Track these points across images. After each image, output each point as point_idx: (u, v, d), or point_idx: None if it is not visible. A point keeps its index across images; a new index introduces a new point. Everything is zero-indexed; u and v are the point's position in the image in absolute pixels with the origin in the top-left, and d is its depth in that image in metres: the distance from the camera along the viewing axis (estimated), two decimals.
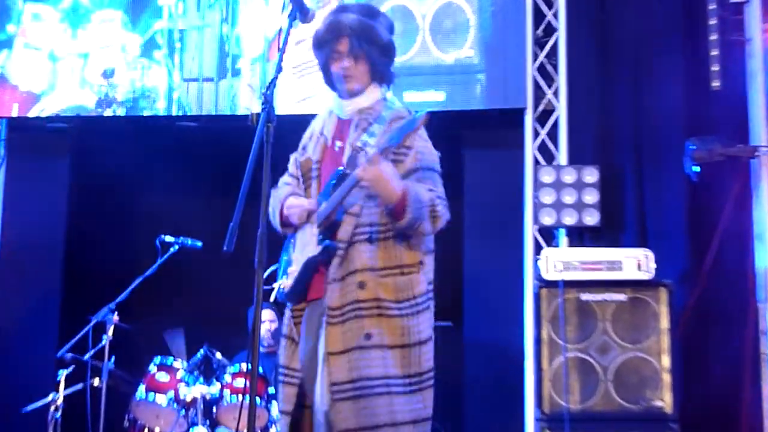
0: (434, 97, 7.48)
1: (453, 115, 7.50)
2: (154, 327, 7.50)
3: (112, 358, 6.37)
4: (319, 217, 3.70)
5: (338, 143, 3.83)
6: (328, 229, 3.71)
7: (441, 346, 7.32)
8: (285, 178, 4.03)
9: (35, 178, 8.07)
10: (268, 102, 3.28)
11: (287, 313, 3.93)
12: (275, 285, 3.95)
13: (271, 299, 3.98)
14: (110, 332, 6.39)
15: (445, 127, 7.55)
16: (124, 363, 6.64)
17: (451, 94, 7.46)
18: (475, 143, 7.71)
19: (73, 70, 7.90)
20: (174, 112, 7.78)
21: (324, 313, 3.69)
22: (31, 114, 7.89)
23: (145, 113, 7.83)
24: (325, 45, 3.79)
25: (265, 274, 3.80)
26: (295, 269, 3.82)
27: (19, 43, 7.98)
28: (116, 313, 6.44)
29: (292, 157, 4.01)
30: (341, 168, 3.72)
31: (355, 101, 3.81)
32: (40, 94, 7.89)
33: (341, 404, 3.55)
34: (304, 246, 3.75)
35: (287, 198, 3.86)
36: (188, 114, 7.78)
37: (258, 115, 3.36)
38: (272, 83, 3.33)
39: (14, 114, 7.92)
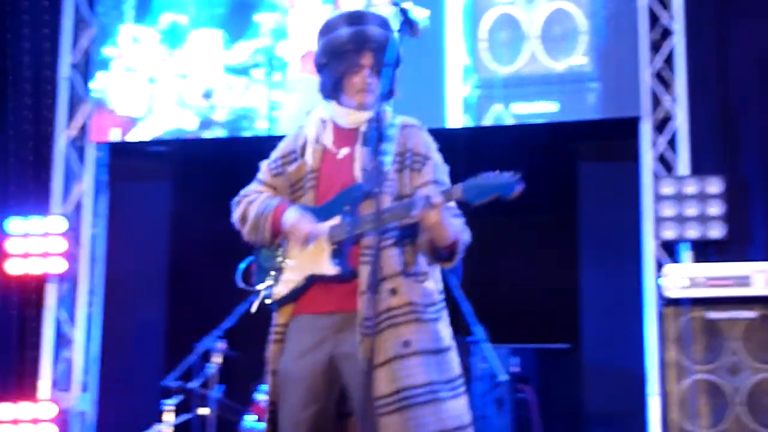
0: (546, 108, 7.45)
1: (564, 126, 7.45)
2: (262, 354, 7.58)
3: (220, 387, 6.42)
4: (336, 233, 3.67)
5: (344, 150, 3.83)
6: (343, 244, 3.68)
7: (558, 369, 7.29)
8: (254, 186, 3.99)
9: (138, 202, 8.27)
10: (378, 119, 3.28)
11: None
12: (260, 287, 3.86)
13: (253, 308, 3.94)
14: (217, 360, 6.46)
15: (557, 139, 7.54)
16: (231, 391, 6.71)
17: (564, 104, 7.42)
18: (589, 155, 7.65)
19: (172, 91, 8.04)
20: (275, 132, 7.85)
21: (340, 328, 3.67)
22: (132, 138, 8.06)
23: (246, 134, 7.92)
24: (345, 55, 3.79)
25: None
26: (292, 278, 3.78)
27: (117, 66, 8.16)
28: (223, 340, 6.50)
29: (264, 164, 3.98)
30: (360, 183, 3.70)
31: (364, 113, 3.82)
32: (139, 117, 8.06)
33: (387, 418, 3.56)
34: (310, 258, 3.72)
35: (285, 211, 3.80)
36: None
37: (367, 133, 3.36)
38: (381, 99, 3.33)
39: (115, 139, 8.09)
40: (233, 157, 8.12)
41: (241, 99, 7.97)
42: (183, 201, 8.27)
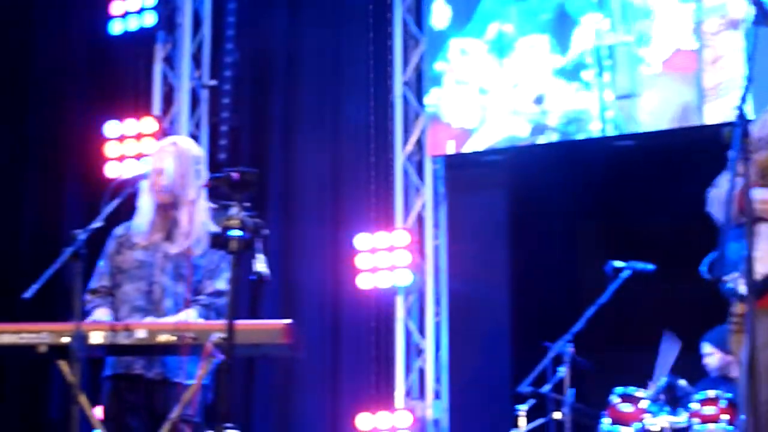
0: None
1: None
2: (610, 356, 7.63)
3: (572, 391, 6.51)
4: None
5: None
6: None
7: None
8: (725, 175, 3.92)
9: (476, 211, 8.49)
10: (742, 116, 3.27)
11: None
12: (726, 279, 3.81)
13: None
14: (568, 364, 6.55)
15: None
16: (581, 395, 6.78)
17: None
18: None
19: (504, 100, 8.22)
20: (608, 133, 7.89)
21: None
22: (467, 149, 8.30)
23: (579, 136, 8.01)
24: None
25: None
26: (758, 271, 3.68)
27: (448, 79, 8.45)
28: (571, 344, 6.59)
29: (737, 154, 3.91)
30: None
31: None
32: (473, 128, 8.28)
33: None
34: None
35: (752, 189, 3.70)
36: (624, 133, 7.85)
37: (732, 129, 3.35)
38: (744, 96, 3.32)
39: (450, 151, 8.36)
40: (568, 161, 8.22)
41: (573, 102, 8.05)
42: (520, 207, 8.43)
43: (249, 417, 8.43)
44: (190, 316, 4.60)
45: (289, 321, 4.36)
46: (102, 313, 4.75)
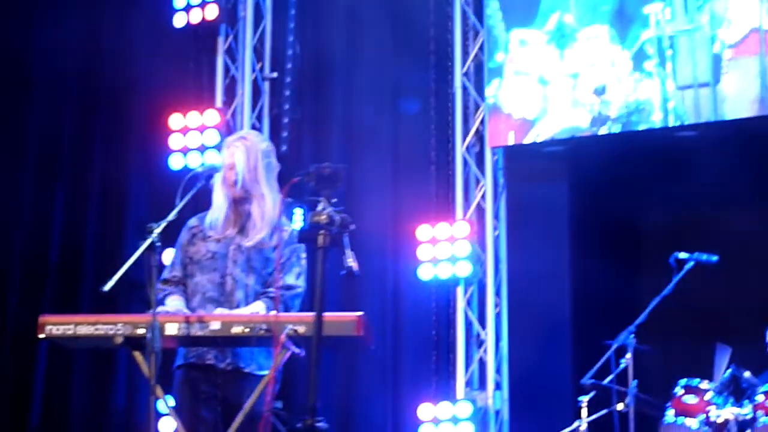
0: None
1: None
2: (673, 347, 7.63)
3: (635, 382, 6.51)
4: None
5: None
6: None
7: None
8: None
9: (536, 203, 8.48)
10: None
11: None
12: None
13: None
14: (631, 355, 6.56)
15: None
16: (644, 386, 6.78)
17: None
18: None
19: (564, 91, 8.22)
20: (670, 123, 7.87)
21: None
22: (527, 140, 8.31)
23: (641, 127, 8.00)
24: None
25: None
26: None
27: (508, 70, 8.47)
28: (635, 335, 6.60)
29: None
30: None
31: None
32: (533, 119, 8.29)
33: None
34: None
35: None
36: (686, 123, 7.82)
37: None
38: None
39: (510, 142, 8.37)
40: (628, 153, 8.20)
41: (634, 93, 8.03)
42: (580, 198, 8.43)
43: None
44: (258, 308, 4.66)
45: (361, 313, 4.41)
46: (174, 300, 4.83)
